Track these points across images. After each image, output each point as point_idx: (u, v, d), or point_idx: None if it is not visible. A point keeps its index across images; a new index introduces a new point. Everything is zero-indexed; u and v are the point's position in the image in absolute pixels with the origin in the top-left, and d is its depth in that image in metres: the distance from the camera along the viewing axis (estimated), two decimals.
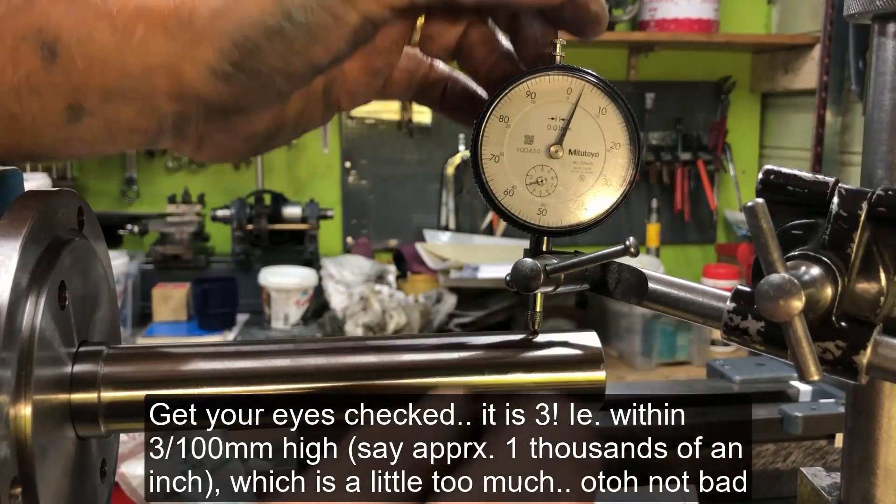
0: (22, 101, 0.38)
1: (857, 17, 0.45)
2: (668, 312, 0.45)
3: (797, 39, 2.53)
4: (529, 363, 0.44)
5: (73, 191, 0.43)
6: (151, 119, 0.40)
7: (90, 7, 0.37)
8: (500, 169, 0.43)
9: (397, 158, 2.69)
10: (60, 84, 0.38)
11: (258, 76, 0.38)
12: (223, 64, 0.38)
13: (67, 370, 0.41)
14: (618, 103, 0.43)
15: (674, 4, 2.48)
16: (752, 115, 2.87)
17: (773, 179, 0.42)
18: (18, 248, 0.36)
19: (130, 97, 0.39)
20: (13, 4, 0.37)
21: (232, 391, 0.42)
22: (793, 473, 0.90)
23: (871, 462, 0.45)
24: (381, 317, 2.16)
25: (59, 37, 0.37)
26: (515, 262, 0.42)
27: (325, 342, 0.45)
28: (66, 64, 0.37)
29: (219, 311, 2.21)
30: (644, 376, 2.22)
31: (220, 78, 0.38)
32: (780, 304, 0.34)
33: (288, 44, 0.37)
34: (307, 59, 0.38)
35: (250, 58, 0.37)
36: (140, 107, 0.39)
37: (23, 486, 0.36)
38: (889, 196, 0.39)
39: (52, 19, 0.37)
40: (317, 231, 2.41)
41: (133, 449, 1.17)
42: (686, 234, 2.84)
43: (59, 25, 0.37)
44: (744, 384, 0.98)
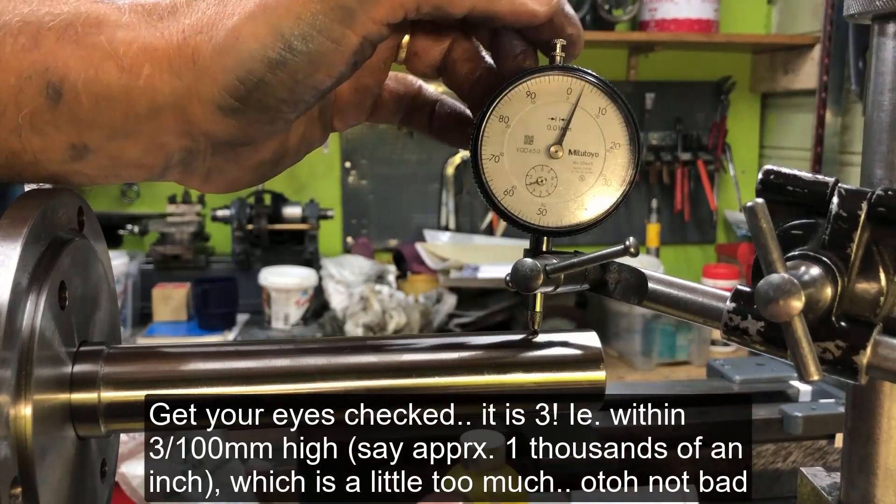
0: (24, 140, 0.38)
1: (857, 17, 0.45)
2: (668, 312, 0.45)
3: (797, 39, 2.53)
4: (529, 363, 0.44)
5: (74, 191, 0.43)
6: (158, 156, 0.40)
7: (96, 48, 0.37)
8: (500, 169, 0.43)
9: (397, 158, 2.69)
10: (65, 124, 0.38)
11: (265, 109, 0.38)
12: (229, 100, 0.38)
13: (67, 370, 0.41)
14: (618, 103, 0.43)
15: (674, 4, 2.48)
16: (752, 115, 2.87)
17: (773, 179, 0.42)
18: (19, 247, 0.36)
19: (137, 136, 0.39)
20: (19, 43, 0.36)
21: (232, 391, 0.42)
22: (793, 473, 0.90)
23: (871, 462, 0.45)
24: (381, 317, 2.16)
25: (65, 77, 0.37)
26: (515, 262, 0.42)
27: (325, 342, 0.45)
28: (72, 104, 0.37)
29: (219, 311, 2.21)
30: (644, 376, 2.22)
31: (227, 114, 0.38)
32: (779, 304, 0.34)
33: (291, 74, 0.37)
34: (311, 86, 0.38)
35: (255, 91, 0.37)
36: (146, 145, 0.39)
37: (23, 486, 0.36)
38: (889, 196, 0.39)
39: (58, 59, 0.37)
40: (317, 231, 2.41)
41: (133, 449, 1.17)
42: (686, 234, 2.84)
43: (66, 65, 0.37)
44: (744, 384, 0.98)
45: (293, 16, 0.36)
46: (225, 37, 0.37)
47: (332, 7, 0.36)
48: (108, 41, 0.37)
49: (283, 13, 0.36)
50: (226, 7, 0.37)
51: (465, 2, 0.39)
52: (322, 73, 0.38)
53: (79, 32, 0.37)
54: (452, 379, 0.43)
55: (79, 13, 0.37)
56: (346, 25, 0.37)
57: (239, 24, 0.37)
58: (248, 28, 0.37)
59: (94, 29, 0.37)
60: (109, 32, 0.37)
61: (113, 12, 0.38)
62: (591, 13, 2.50)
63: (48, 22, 0.37)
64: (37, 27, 0.37)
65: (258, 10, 0.37)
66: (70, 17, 0.37)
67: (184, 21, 0.38)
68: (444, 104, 0.47)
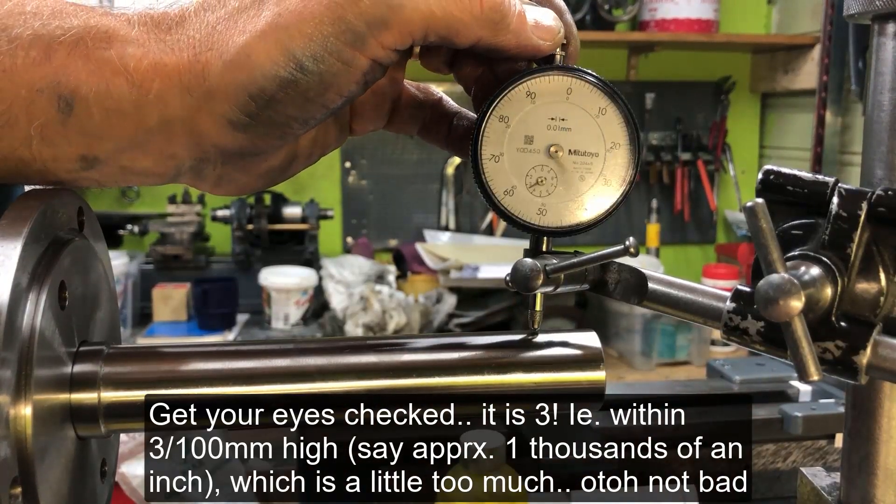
0: (34, 150, 0.38)
1: (857, 17, 0.45)
2: (668, 312, 0.45)
3: (797, 39, 2.53)
4: (529, 363, 0.44)
5: (74, 191, 0.43)
6: (168, 166, 0.40)
7: (107, 63, 0.37)
8: (500, 169, 0.43)
9: (397, 158, 2.69)
10: (75, 136, 0.38)
11: (274, 125, 0.39)
12: (240, 116, 0.38)
13: (67, 370, 0.41)
14: (618, 103, 0.43)
15: (674, 4, 2.48)
16: (752, 115, 2.87)
17: (773, 179, 0.42)
18: (19, 247, 0.36)
19: (147, 148, 0.39)
20: (30, 57, 0.37)
21: (232, 391, 0.42)
22: (793, 473, 0.90)
23: (871, 462, 0.45)
24: (381, 317, 2.16)
25: (76, 90, 0.37)
26: (515, 262, 0.42)
27: (325, 342, 0.45)
28: (83, 117, 0.37)
29: (219, 311, 2.21)
30: (644, 376, 2.22)
31: (238, 128, 0.39)
32: (779, 304, 0.34)
33: (302, 93, 0.38)
34: (321, 104, 0.39)
35: (266, 108, 0.38)
36: (157, 156, 0.40)
37: (23, 486, 0.36)
38: (889, 196, 0.39)
39: (69, 73, 0.37)
40: (317, 231, 2.41)
41: (133, 449, 1.17)
42: (686, 234, 2.84)
43: (77, 79, 0.37)
44: (744, 384, 0.98)
45: (305, 36, 0.36)
46: (236, 54, 0.37)
47: (343, 30, 0.37)
48: (119, 57, 0.37)
49: (295, 33, 0.36)
50: (236, 23, 0.38)
51: (471, 35, 0.39)
52: (332, 93, 0.38)
53: (89, 47, 0.37)
54: (452, 379, 0.43)
55: (89, 27, 0.37)
56: (356, 48, 0.37)
57: (251, 41, 0.37)
58: (259, 46, 0.37)
59: (103, 44, 0.37)
60: (119, 48, 0.37)
61: (122, 26, 0.38)
62: (591, 13, 2.50)
63: (59, 36, 0.37)
64: (48, 41, 0.37)
65: (269, 28, 0.37)
66: (80, 31, 0.37)
67: (193, 35, 0.38)
68: (462, 116, 0.48)
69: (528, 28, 0.40)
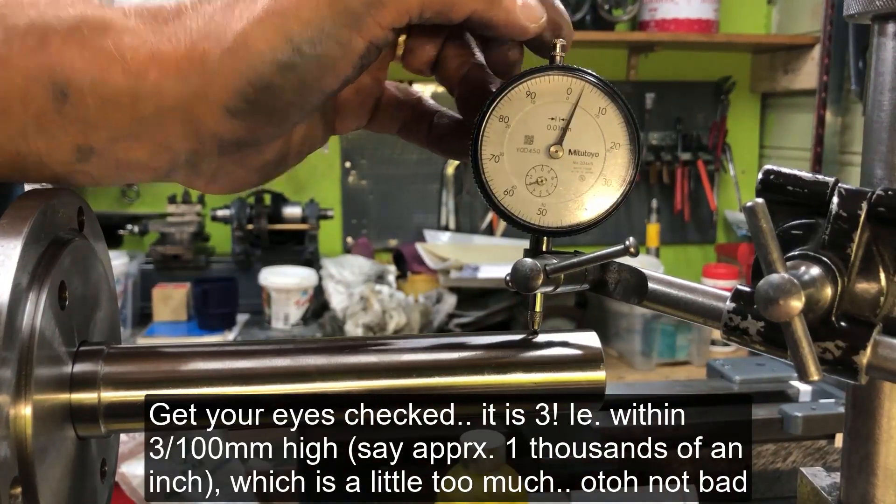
0: (29, 141, 0.38)
1: (857, 17, 0.45)
2: (668, 312, 0.45)
3: (797, 39, 2.53)
4: (529, 363, 0.44)
5: (74, 191, 0.43)
6: (163, 158, 0.40)
7: (102, 51, 0.37)
8: (500, 169, 0.43)
9: (397, 158, 2.69)
10: (70, 125, 0.38)
11: (272, 111, 0.39)
12: (238, 102, 0.38)
13: (67, 370, 0.41)
14: (618, 103, 0.43)
15: (674, 4, 2.48)
16: (752, 115, 2.87)
17: (773, 179, 0.42)
18: (19, 247, 0.36)
19: (143, 138, 0.39)
20: (26, 45, 0.37)
21: (232, 391, 0.42)
22: (793, 473, 0.90)
23: (871, 462, 0.45)
24: (381, 317, 2.16)
25: (71, 78, 0.37)
26: (515, 262, 0.42)
27: (325, 342, 0.45)
28: (78, 105, 0.37)
29: (219, 311, 2.21)
30: (644, 376, 2.22)
31: (236, 116, 0.39)
32: (779, 304, 0.34)
33: (300, 77, 0.38)
34: (319, 88, 0.39)
35: (264, 94, 0.38)
36: (152, 147, 0.39)
37: (23, 486, 0.36)
38: (889, 196, 0.39)
39: (65, 61, 0.37)
40: (317, 231, 2.41)
41: (133, 449, 1.17)
42: (686, 234, 2.84)
43: (72, 68, 0.37)
44: (744, 384, 0.98)
45: (302, 20, 0.37)
46: (234, 40, 0.37)
47: (340, 12, 0.37)
48: (115, 45, 0.37)
49: (293, 18, 0.37)
50: (233, 12, 0.38)
51: (466, 8, 0.39)
52: (330, 77, 0.38)
53: (85, 36, 0.37)
54: (452, 379, 0.43)
55: (85, 17, 0.38)
56: (354, 29, 0.37)
57: (248, 28, 0.37)
58: (257, 32, 0.37)
59: (99, 33, 0.37)
60: (115, 37, 0.37)
61: (119, 17, 0.38)
62: (591, 13, 2.50)
63: (55, 25, 0.37)
64: (43, 29, 0.37)
65: (266, 14, 0.37)
66: (76, 20, 0.37)
67: (190, 25, 0.38)
68: (442, 115, 0.48)
69: (518, 6, 0.41)
